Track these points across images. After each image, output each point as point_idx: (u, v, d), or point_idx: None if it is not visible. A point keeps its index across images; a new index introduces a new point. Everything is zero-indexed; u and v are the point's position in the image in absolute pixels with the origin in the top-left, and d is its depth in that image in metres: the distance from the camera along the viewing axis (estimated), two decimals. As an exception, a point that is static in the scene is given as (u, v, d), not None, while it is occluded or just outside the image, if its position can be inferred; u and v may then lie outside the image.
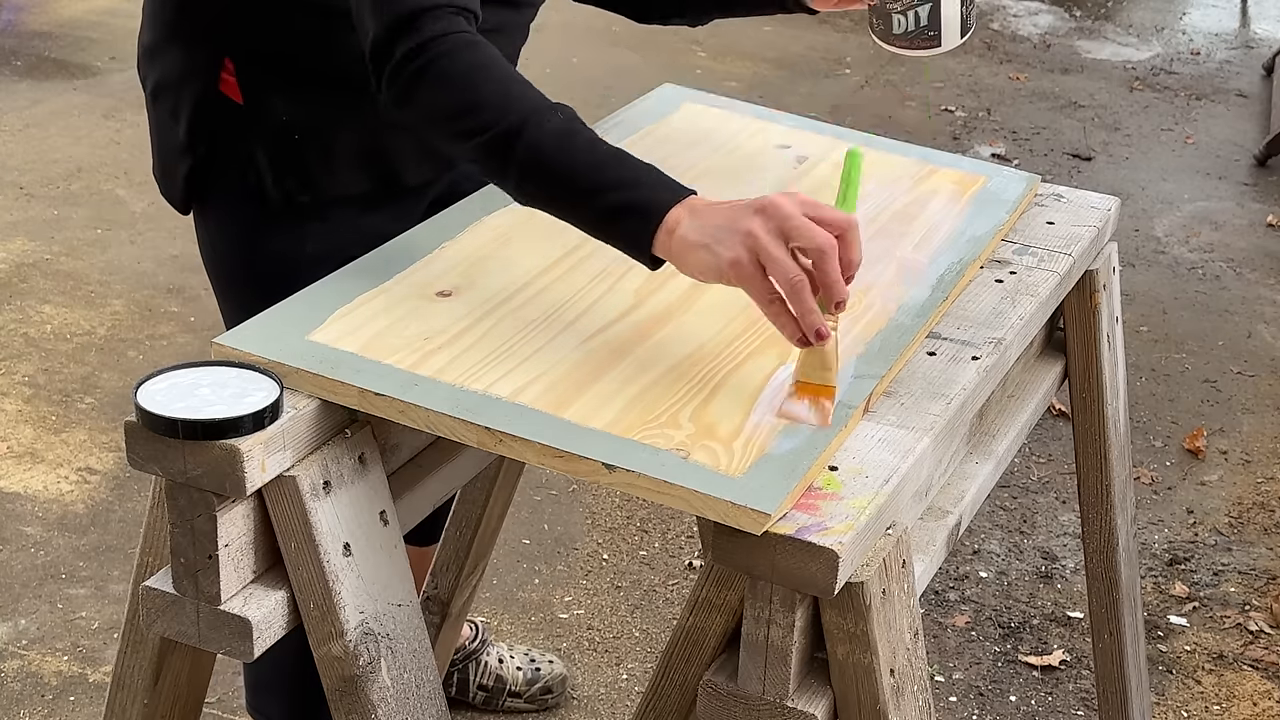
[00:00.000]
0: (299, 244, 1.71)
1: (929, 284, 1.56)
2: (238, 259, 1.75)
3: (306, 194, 1.69)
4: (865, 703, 1.26)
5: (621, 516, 2.99)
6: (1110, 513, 1.98)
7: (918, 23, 1.61)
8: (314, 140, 1.68)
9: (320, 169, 1.69)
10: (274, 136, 1.67)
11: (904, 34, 1.63)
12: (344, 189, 1.71)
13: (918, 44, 1.63)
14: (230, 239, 1.75)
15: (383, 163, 1.72)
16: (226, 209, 1.73)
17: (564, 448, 1.24)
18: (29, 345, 3.40)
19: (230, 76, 1.66)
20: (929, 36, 1.62)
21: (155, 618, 1.33)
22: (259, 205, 1.70)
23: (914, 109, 5.38)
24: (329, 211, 1.71)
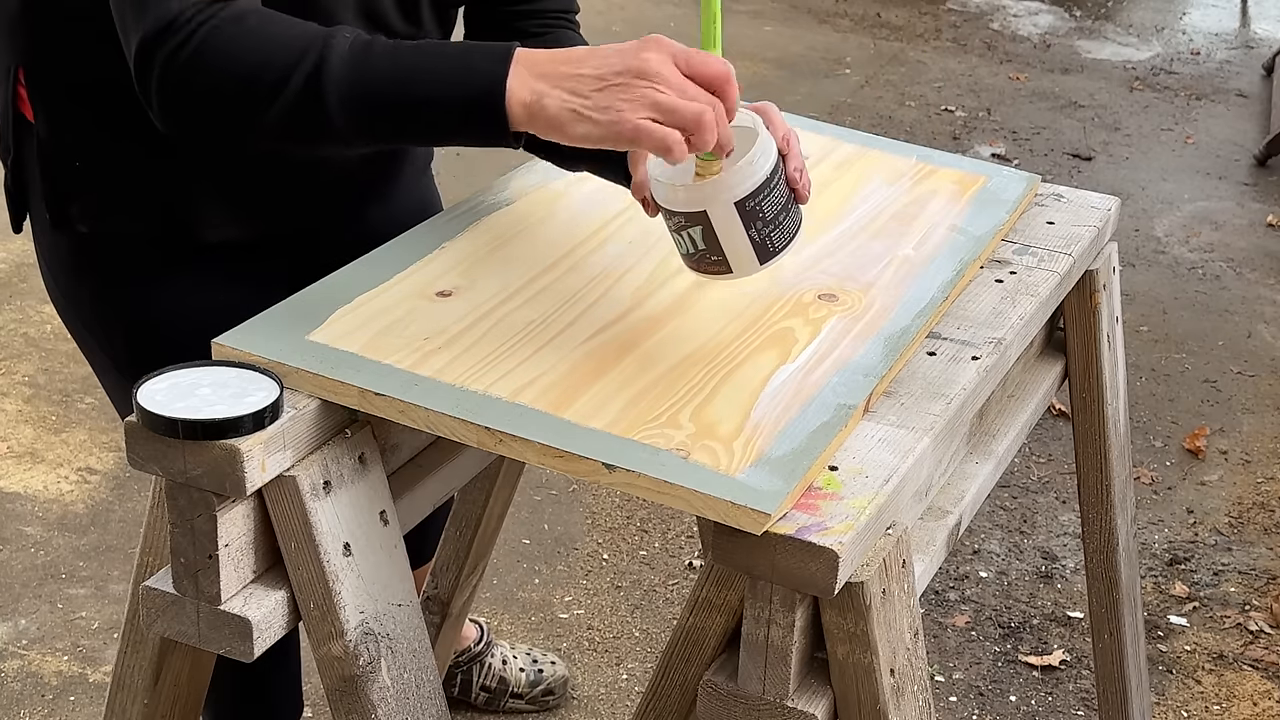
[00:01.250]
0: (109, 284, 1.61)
1: (929, 284, 1.56)
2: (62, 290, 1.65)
3: (85, 225, 1.57)
4: (865, 703, 1.26)
5: (621, 516, 2.99)
6: (1110, 513, 1.98)
7: (695, 245, 1.37)
8: (94, 169, 1.55)
9: (100, 202, 1.56)
10: (56, 159, 1.55)
11: (687, 255, 1.39)
12: (127, 228, 1.57)
13: (705, 267, 1.39)
14: (52, 266, 1.64)
15: (172, 207, 1.57)
16: (41, 232, 1.63)
17: (564, 448, 1.24)
18: (29, 345, 3.40)
19: (23, 89, 1.55)
20: (714, 261, 1.38)
21: (155, 618, 1.33)
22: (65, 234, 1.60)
23: (914, 109, 5.38)
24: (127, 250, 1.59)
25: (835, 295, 1.52)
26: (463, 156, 4.61)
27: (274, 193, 1.62)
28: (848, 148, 1.88)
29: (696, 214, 1.35)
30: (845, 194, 1.75)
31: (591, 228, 1.62)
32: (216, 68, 1.29)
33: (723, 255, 1.37)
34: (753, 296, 1.51)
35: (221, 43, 1.29)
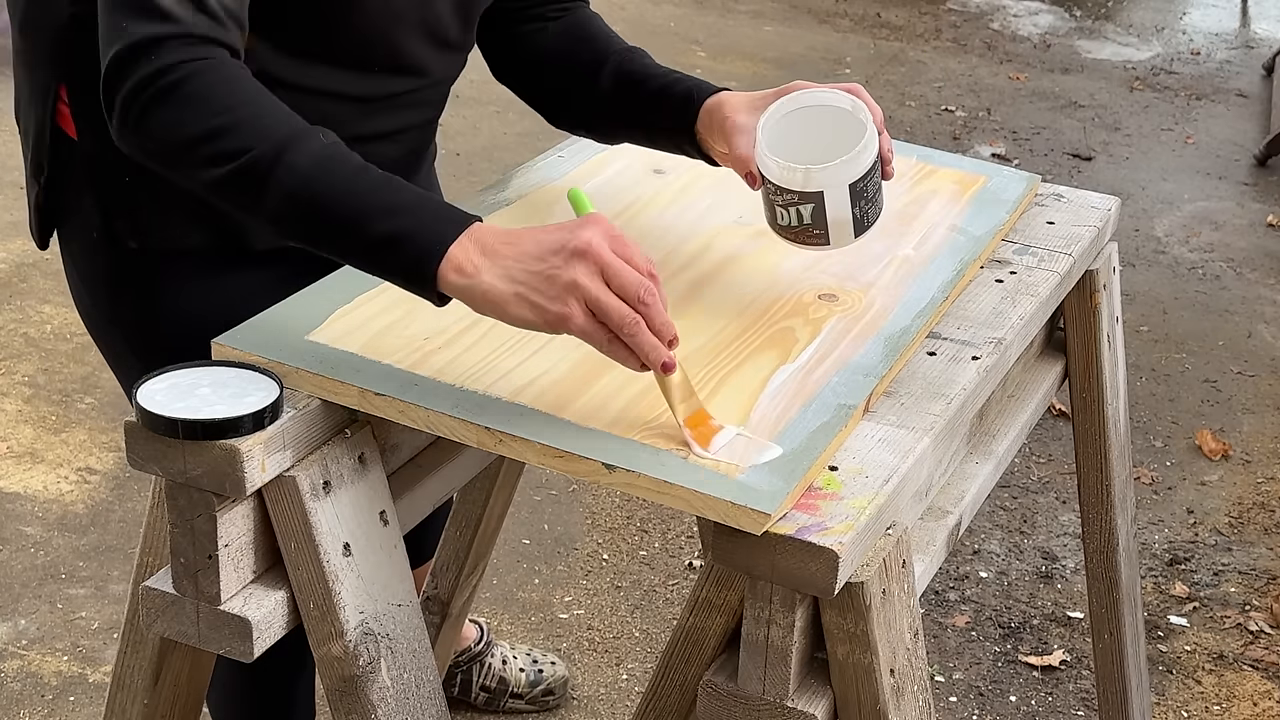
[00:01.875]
0: (151, 302, 1.59)
1: (929, 284, 1.56)
2: (97, 304, 1.64)
3: (135, 239, 1.56)
4: (865, 703, 1.26)
5: (621, 516, 2.99)
6: (1110, 513, 1.98)
7: (800, 220, 1.47)
8: (145, 184, 1.53)
9: (151, 216, 1.55)
10: (104, 175, 1.54)
11: (787, 227, 1.48)
12: (177, 241, 1.57)
13: (804, 239, 1.49)
14: (86, 280, 1.63)
15: (222, 219, 1.56)
16: (77, 249, 1.62)
17: (564, 448, 1.24)
18: (29, 345, 3.40)
19: (65, 106, 1.54)
20: (815, 234, 1.47)
21: (155, 618, 1.33)
22: (105, 251, 1.59)
23: (914, 109, 5.38)
24: (173, 266, 1.58)
25: (835, 295, 1.52)
26: (462, 156, 4.61)
27: None
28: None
29: (813, 194, 1.44)
30: (845, 194, 1.75)
31: (591, 228, 1.62)
32: (183, 109, 1.28)
33: (825, 230, 1.47)
34: (753, 296, 1.51)
35: (195, 89, 1.28)
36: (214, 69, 1.30)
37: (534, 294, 1.22)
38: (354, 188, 1.26)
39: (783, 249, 1.61)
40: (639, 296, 1.22)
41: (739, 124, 1.53)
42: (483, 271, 1.23)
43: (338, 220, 1.25)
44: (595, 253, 1.21)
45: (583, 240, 1.21)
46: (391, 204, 1.25)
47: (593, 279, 1.21)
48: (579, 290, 1.21)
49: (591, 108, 1.67)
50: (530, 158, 1.80)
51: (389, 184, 1.27)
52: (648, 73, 1.64)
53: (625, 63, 1.65)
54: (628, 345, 1.23)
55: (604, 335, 1.23)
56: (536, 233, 1.24)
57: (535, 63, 1.71)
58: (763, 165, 1.47)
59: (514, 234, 1.25)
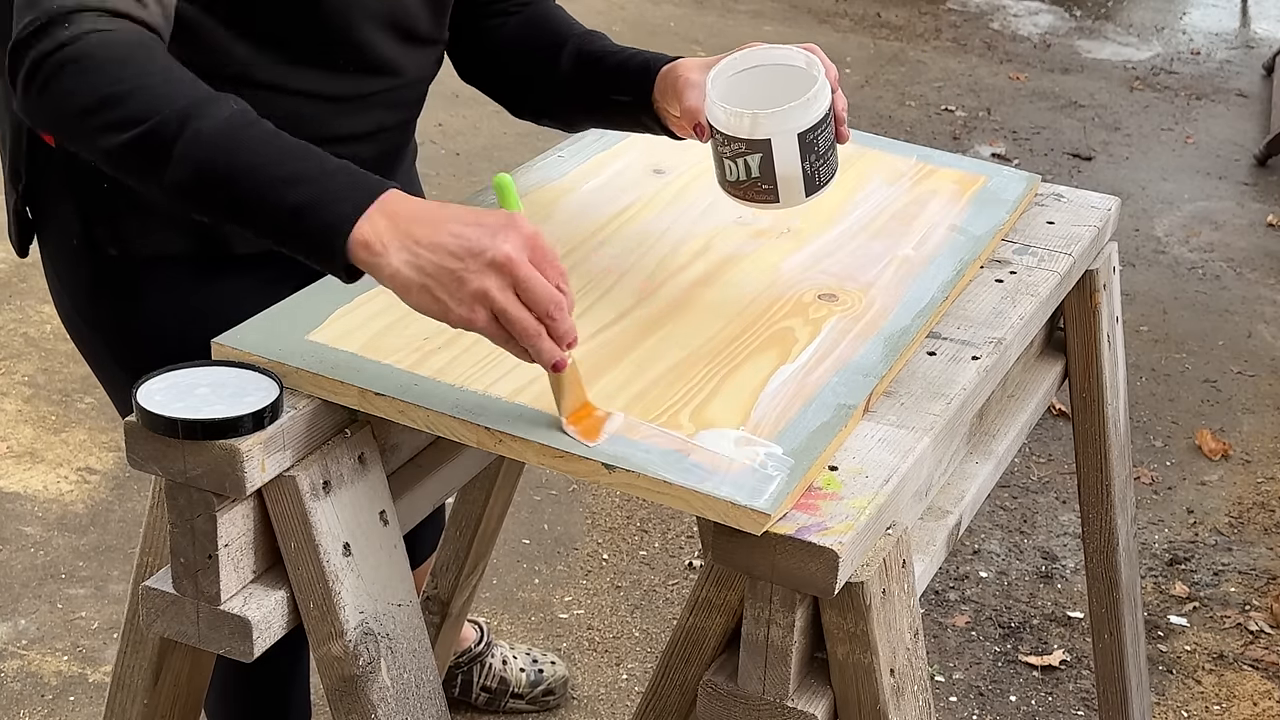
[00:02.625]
0: (132, 309, 1.58)
1: (929, 284, 1.56)
2: (80, 313, 1.63)
3: (115, 247, 1.55)
4: (865, 703, 1.26)
5: (621, 516, 2.99)
6: (1110, 513, 1.98)
7: (748, 173, 1.42)
8: (124, 190, 1.51)
9: (131, 222, 1.54)
10: (82, 182, 1.53)
11: (737, 182, 1.44)
12: (158, 247, 1.56)
13: (752, 196, 1.44)
14: (70, 290, 1.62)
15: (203, 224, 1.54)
16: (58, 257, 1.61)
17: (564, 448, 1.24)
18: (29, 345, 3.40)
19: None
20: (764, 189, 1.43)
21: (155, 618, 1.33)
22: (87, 259, 1.57)
23: (914, 109, 5.38)
24: (157, 272, 1.57)
25: (835, 295, 1.52)
26: (462, 156, 4.61)
27: None
28: (848, 147, 1.88)
29: (760, 141, 1.39)
30: (845, 194, 1.75)
31: (591, 228, 1.62)
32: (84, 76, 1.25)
33: (774, 185, 1.42)
34: (753, 296, 1.51)
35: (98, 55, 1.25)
36: (122, 38, 1.27)
37: (440, 290, 1.19)
38: (262, 156, 1.22)
39: (783, 249, 1.61)
40: (547, 311, 1.20)
41: (690, 80, 1.51)
42: (390, 252, 1.19)
43: (243, 191, 1.22)
44: (511, 267, 1.18)
45: (501, 253, 1.18)
46: (299, 173, 1.21)
47: (503, 291, 1.19)
48: (488, 300, 1.19)
49: (552, 92, 1.67)
50: (530, 158, 1.80)
51: (300, 151, 1.23)
52: (605, 50, 1.64)
53: (584, 44, 1.66)
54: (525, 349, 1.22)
55: (503, 338, 1.21)
56: (453, 222, 1.20)
57: (496, 53, 1.71)
58: (711, 115, 1.43)
59: (429, 214, 1.21)
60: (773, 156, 1.40)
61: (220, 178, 1.22)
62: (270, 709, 1.94)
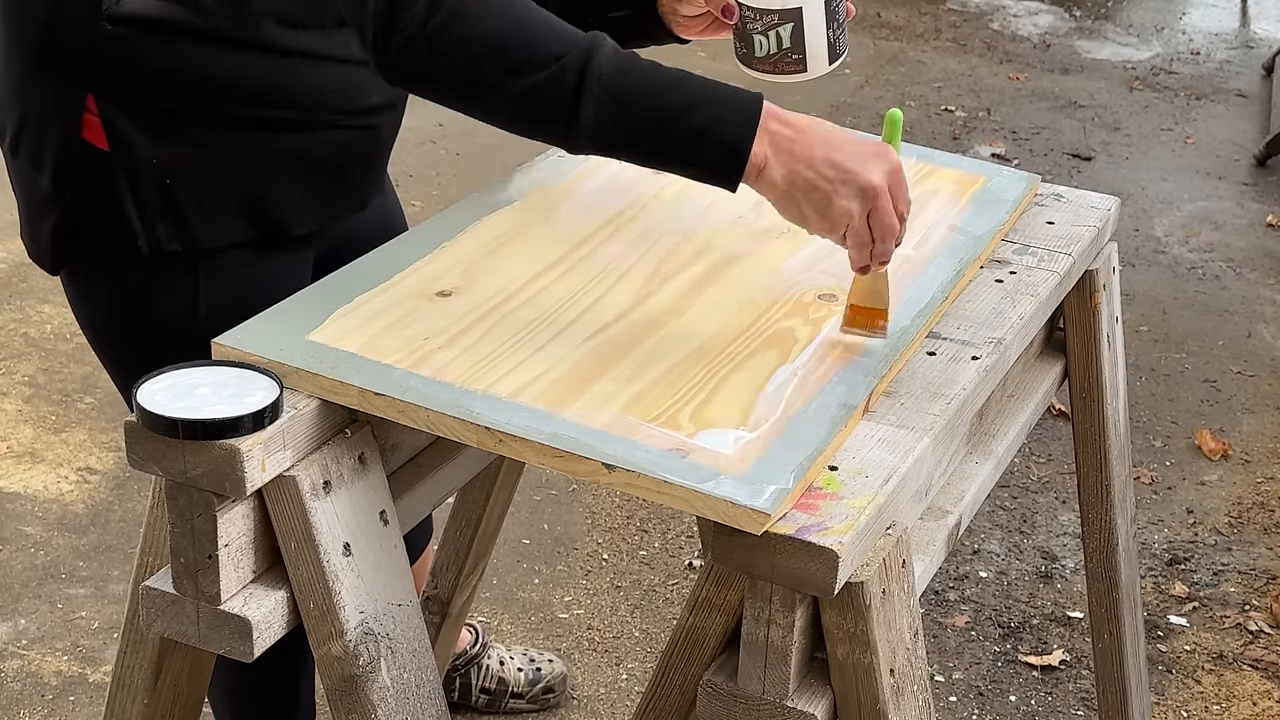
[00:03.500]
0: (190, 303, 1.59)
1: (929, 284, 1.56)
2: (121, 322, 1.62)
3: (178, 242, 1.56)
4: (865, 703, 1.26)
5: (621, 516, 2.99)
6: (1110, 513, 1.98)
7: (779, 45, 1.49)
8: (187, 184, 1.54)
9: (195, 216, 1.56)
10: (142, 182, 1.54)
11: (767, 56, 1.50)
12: (223, 237, 1.58)
13: (782, 68, 1.51)
14: (111, 300, 1.61)
15: (263, 209, 1.59)
16: (102, 267, 1.60)
17: (564, 448, 1.24)
18: (29, 345, 3.40)
19: (94, 118, 1.52)
20: (793, 60, 1.50)
21: (155, 618, 1.33)
22: (137, 261, 1.57)
23: (914, 109, 5.38)
24: (214, 263, 1.59)
25: (835, 295, 1.52)
26: (462, 156, 4.61)
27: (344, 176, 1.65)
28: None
29: (792, 10, 1.47)
30: (845, 194, 1.75)
31: (591, 228, 1.62)
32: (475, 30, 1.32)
33: (803, 54, 1.50)
34: (753, 296, 1.51)
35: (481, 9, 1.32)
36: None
37: (807, 204, 1.34)
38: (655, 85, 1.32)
39: (783, 249, 1.61)
40: (883, 235, 1.36)
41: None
42: (770, 168, 1.33)
43: (649, 120, 1.32)
44: (875, 195, 1.33)
45: (872, 184, 1.33)
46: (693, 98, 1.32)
47: (862, 216, 1.34)
48: (848, 220, 1.34)
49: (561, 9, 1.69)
50: (530, 158, 1.80)
51: (680, 77, 1.33)
52: None
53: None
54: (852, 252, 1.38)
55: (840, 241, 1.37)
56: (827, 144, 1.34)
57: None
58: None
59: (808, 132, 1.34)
60: (804, 25, 1.48)
61: (629, 110, 1.32)
62: (279, 702, 1.94)
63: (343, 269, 1.49)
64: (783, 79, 1.52)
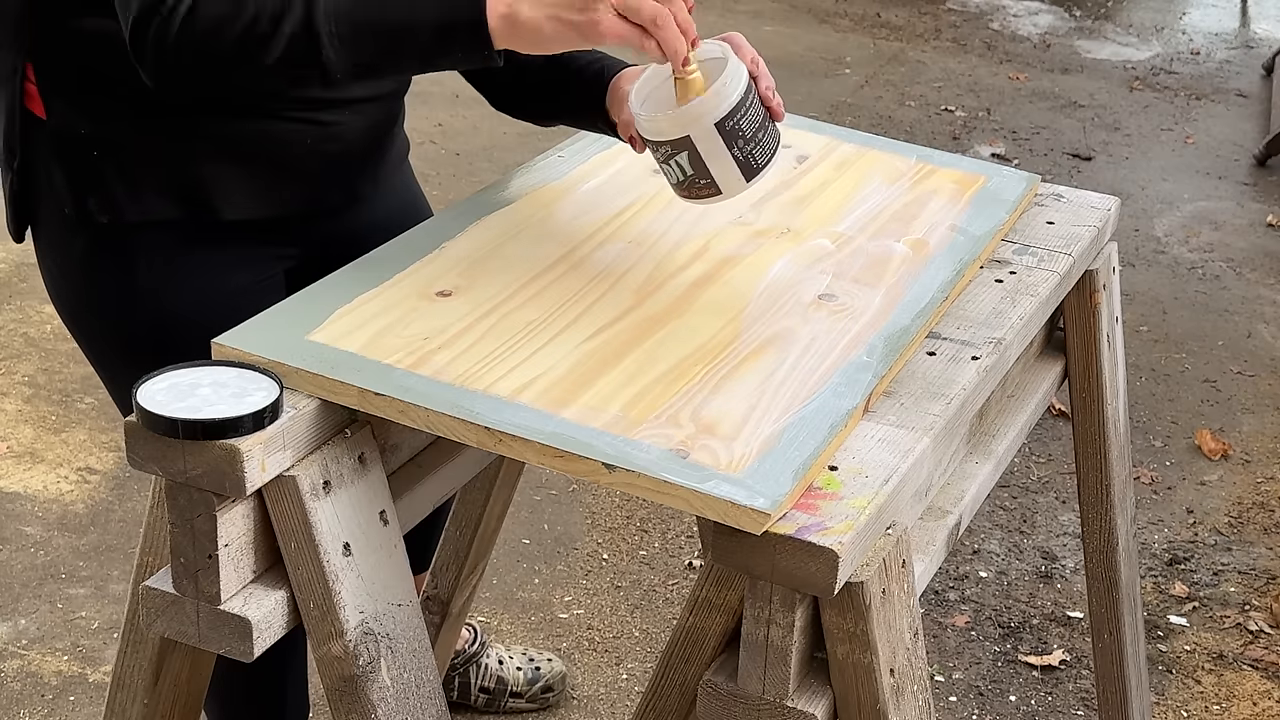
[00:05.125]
0: (127, 276, 1.62)
1: (929, 284, 1.56)
2: (74, 293, 1.66)
3: (106, 215, 1.59)
4: (865, 702, 1.26)
5: (621, 516, 2.99)
6: (1110, 513, 1.98)
7: (684, 172, 1.45)
8: (113, 157, 1.57)
9: (121, 190, 1.58)
10: (73, 152, 1.58)
11: (677, 184, 1.47)
12: (149, 214, 1.60)
13: (695, 193, 1.47)
14: (63, 269, 1.66)
15: (191, 190, 1.60)
16: (53, 237, 1.64)
17: (564, 448, 1.24)
18: (29, 345, 3.40)
19: (33, 86, 1.57)
20: (704, 184, 1.45)
21: (155, 618, 1.33)
22: (79, 232, 1.61)
23: (914, 109, 5.38)
24: (148, 240, 1.61)
25: (835, 295, 1.52)
26: (462, 156, 4.61)
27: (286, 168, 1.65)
28: (848, 148, 1.88)
29: (680, 139, 1.43)
30: (845, 194, 1.75)
31: (591, 228, 1.63)
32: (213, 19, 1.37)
33: (711, 178, 1.45)
34: (752, 296, 1.51)
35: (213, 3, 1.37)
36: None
37: (564, 11, 1.34)
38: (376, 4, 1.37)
39: (782, 249, 1.61)
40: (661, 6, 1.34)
41: (626, 91, 1.58)
42: (518, 6, 1.35)
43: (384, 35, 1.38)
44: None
45: None
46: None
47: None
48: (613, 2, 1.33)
49: (525, 92, 1.73)
50: (530, 158, 1.81)
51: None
52: (572, 56, 1.67)
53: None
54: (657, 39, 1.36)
55: (636, 34, 1.35)
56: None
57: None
58: (638, 125, 1.47)
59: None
60: (699, 151, 1.43)
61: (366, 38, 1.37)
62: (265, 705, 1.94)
63: (342, 269, 1.49)
64: (702, 203, 1.50)
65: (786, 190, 1.75)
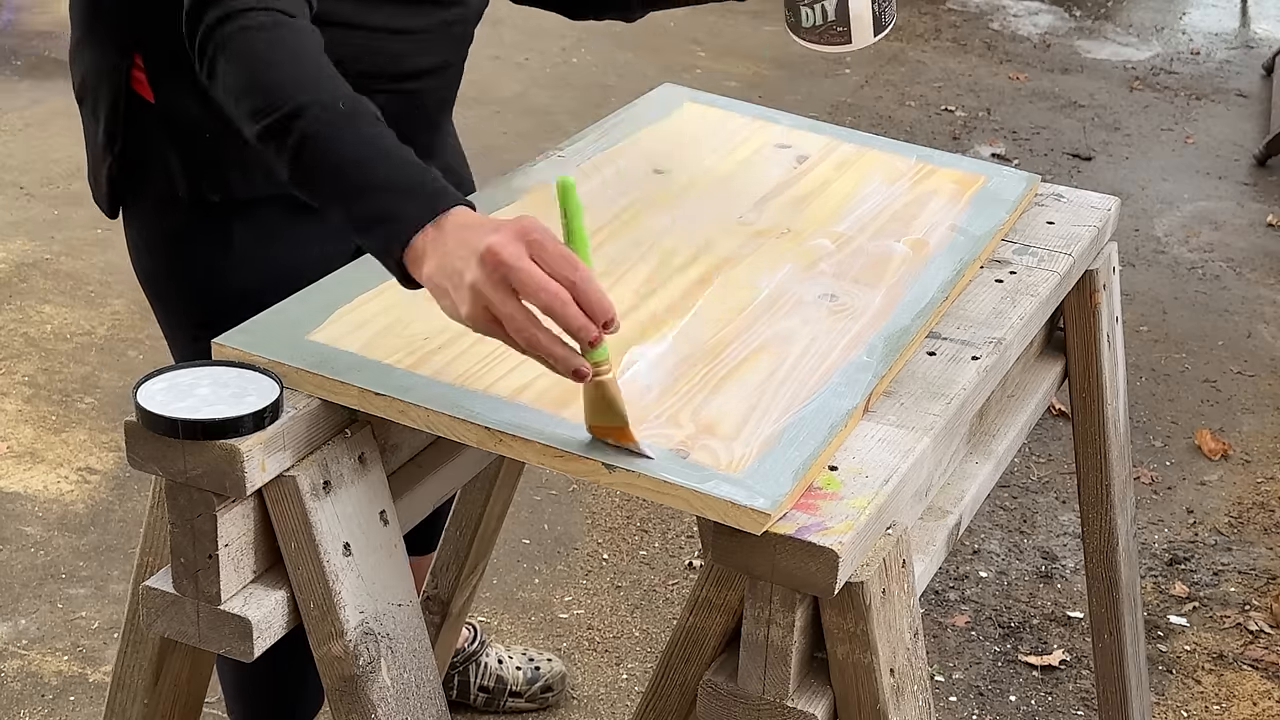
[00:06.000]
0: (223, 250, 1.68)
1: (929, 284, 1.56)
2: (163, 266, 1.74)
3: (218, 194, 1.66)
4: (865, 703, 1.26)
5: (621, 516, 2.99)
6: (1110, 513, 1.98)
7: (825, 17, 1.54)
8: (226, 138, 1.57)
9: (233, 168, 1.65)
10: (185, 135, 1.65)
11: (812, 28, 1.56)
12: (259, 190, 1.66)
13: (828, 39, 1.56)
14: (153, 244, 1.73)
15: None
16: (148, 213, 1.72)
17: (564, 448, 1.24)
18: (29, 345, 3.40)
19: (141, 74, 1.64)
20: (838, 32, 1.55)
21: (155, 618, 1.33)
22: (179, 209, 1.68)
23: (914, 109, 5.38)
24: (251, 215, 1.68)
25: (835, 295, 1.52)
26: (463, 156, 4.61)
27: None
28: (848, 148, 1.88)
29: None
30: (845, 194, 1.75)
31: (591, 228, 1.62)
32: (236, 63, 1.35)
33: (848, 25, 1.53)
34: (753, 296, 1.51)
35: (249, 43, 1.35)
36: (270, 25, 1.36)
37: (453, 291, 1.20)
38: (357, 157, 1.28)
39: (782, 249, 1.61)
40: (548, 305, 1.17)
41: None
42: (426, 259, 1.23)
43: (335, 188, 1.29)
44: (496, 258, 1.17)
45: (486, 244, 1.18)
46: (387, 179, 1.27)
47: (493, 287, 1.17)
48: (478, 295, 1.18)
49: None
50: (530, 158, 1.81)
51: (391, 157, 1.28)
52: None
53: None
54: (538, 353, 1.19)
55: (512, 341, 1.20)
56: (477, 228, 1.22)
57: None
58: None
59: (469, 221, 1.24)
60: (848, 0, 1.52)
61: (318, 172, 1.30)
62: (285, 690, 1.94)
63: (343, 269, 1.49)
64: (828, 50, 1.56)
65: (786, 190, 1.75)
